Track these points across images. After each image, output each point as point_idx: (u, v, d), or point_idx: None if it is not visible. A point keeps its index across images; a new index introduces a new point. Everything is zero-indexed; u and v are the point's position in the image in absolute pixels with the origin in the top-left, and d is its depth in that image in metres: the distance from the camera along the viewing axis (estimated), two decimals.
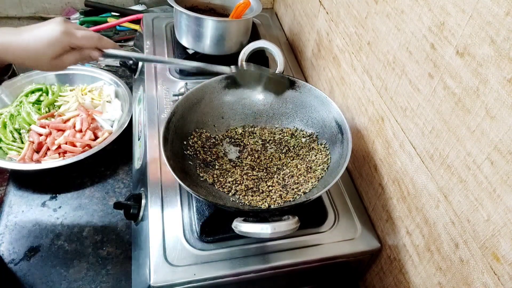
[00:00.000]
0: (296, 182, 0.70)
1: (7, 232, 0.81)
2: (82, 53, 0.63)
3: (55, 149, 0.91)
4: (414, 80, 0.57)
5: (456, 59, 0.48)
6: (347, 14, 0.76)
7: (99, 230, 0.82)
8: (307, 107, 0.79)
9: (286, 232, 0.56)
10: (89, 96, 1.04)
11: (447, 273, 0.54)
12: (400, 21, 0.59)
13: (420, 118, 0.56)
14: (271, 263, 0.64)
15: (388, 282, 0.70)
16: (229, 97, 0.81)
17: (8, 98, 1.03)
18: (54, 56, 0.60)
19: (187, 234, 0.66)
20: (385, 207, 0.69)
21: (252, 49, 0.82)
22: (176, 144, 0.70)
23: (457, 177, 0.50)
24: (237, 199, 0.68)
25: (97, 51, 0.65)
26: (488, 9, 0.42)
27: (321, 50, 0.92)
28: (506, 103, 0.41)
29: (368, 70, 0.70)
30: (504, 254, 0.44)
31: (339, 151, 0.70)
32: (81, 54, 0.63)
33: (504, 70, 0.41)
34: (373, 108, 0.70)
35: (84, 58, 0.64)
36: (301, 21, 1.04)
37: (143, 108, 0.89)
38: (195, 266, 0.62)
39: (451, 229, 0.52)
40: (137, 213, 0.72)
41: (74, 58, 0.63)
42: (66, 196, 0.88)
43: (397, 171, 0.64)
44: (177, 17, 0.95)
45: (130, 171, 0.94)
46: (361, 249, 0.68)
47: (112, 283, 0.75)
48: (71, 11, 1.43)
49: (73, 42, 0.61)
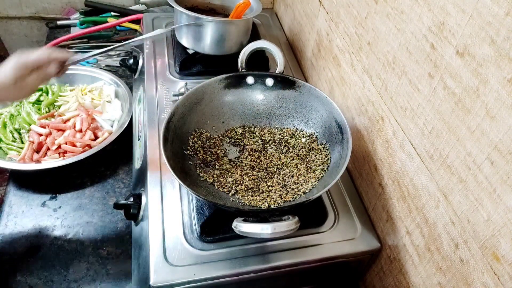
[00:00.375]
0: (296, 182, 0.70)
1: (7, 232, 0.81)
2: (41, 71, 0.68)
3: (55, 149, 0.91)
4: (414, 80, 0.57)
5: (456, 59, 0.48)
6: (347, 14, 0.76)
7: (99, 230, 0.82)
8: (307, 107, 0.79)
9: (286, 232, 0.56)
10: (89, 96, 1.04)
11: (447, 273, 0.54)
12: (400, 21, 0.59)
13: (420, 118, 0.56)
14: (271, 263, 0.64)
15: (388, 282, 0.70)
16: (229, 97, 0.81)
17: None
18: (15, 78, 0.65)
19: (187, 234, 0.66)
20: (385, 207, 0.69)
21: (252, 49, 0.82)
22: (176, 144, 0.70)
23: (457, 177, 0.50)
24: (237, 199, 0.68)
25: (54, 66, 0.69)
26: (488, 9, 0.42)
27: (321, 50, 0.92)
28: (506, 103, 0.41)
29: (368, 70, 0.70)
30: (504, 254, 0.44)
31: (339, 151, 0.70)
32: (41, 72, 0.68)
33: (504, 70, 0.41)
34: (373, 108, 0.70)
35: (45, 76, 0.69)
36: (301, 21, 1.04)
37: (143, 108, 0.89)
38: (195, 266, 0.62)
39: (451, 229, 0.52)
40: (137, 213, 0.72)
41: (36, 77, 0.67)
42: (66, 196, 0.88)
43: (397, 171, 0.64)
44: (177, 17, 0.95)
45: (130, 171, 0.94)
46: (361, 249, 0.68)
47: (112, 283, 0.75)
48: (71, 11, 1.43)
49: (28, 61, 0.66)
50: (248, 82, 0.81)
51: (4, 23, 1.44)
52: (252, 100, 0.82)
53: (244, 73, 0.80)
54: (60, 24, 1.37)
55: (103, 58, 1.24)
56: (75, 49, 1.25)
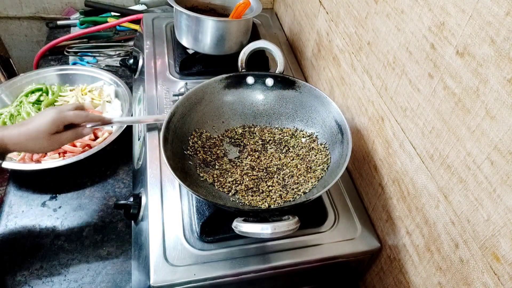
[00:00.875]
0: (296, 182, 0.70)
1: (7, 232, 0.81)
2: (76, 131, 0.73)
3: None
4: (414, 80, 0.57)
5: (456, 59, 0.48)
6: (347, 14, 0.76)
7: (99, 230, 0.82)
8: (307, 107, 0.79)
9: (286, 232, 0.55)
10: (89, 96, 1.04)
11: (447, 273, 0.54)
12: (400, 21, 0.59)
13: (420, 118, 0.56)
14: (271, 263, 0.64)
15: (388, 282, 0.70)
16: (229, 97, 0.81)
17: (8, 98, 1.03)
18: (52, 131, 0.69)
19: (187, 234, 0.66)
20: (385, 207, 0.69)
21: (252, 49, 0.82)
22: (176, 144, 0.70)
23: (457, 177, 0.50)
24: (237, 199, 0.68)
25: (89, 129, 0.76)
26: (488, 9, 0.42)
27: (321, 50, 0.92)
28: (506, 103, 0.41)
29: (368, 70, 0.70)
30: (504, 254, 0.44)
31: (339, 151, 0.70)
32: (75, 131, 0.73)
33: (504, 70, 0.41)
34: (373, 108, 0.70)
35: (78, 136, 0.74)
36: (301, 21, 1.04)
37: (143, 108, 0.89)
38: (195, 266, 0.62)
39: (451, 229, 0.52)
40: (137, 213, 0.72)
41: (70, 134, 0.73)
42: (66, 196, 0.88)
43: (397, 171, 0.64)
44: (177, 17, 0.95)
45: (130, 171, 0.94)
46: (361, 249, 0.68)
47: (112, 283, 0.75)
48: (71, 11, 1.43)
49: (66, 119, 0.71)
50: (248, 82, 0.81)
51: (4, 23, 1.44)
52: (252, 100, 0.82)
53: (244, 73, 0.81)
54: (60, 24, 1.37)
55: (103, 58, 1.25)
56: (75, 49, 1.26)
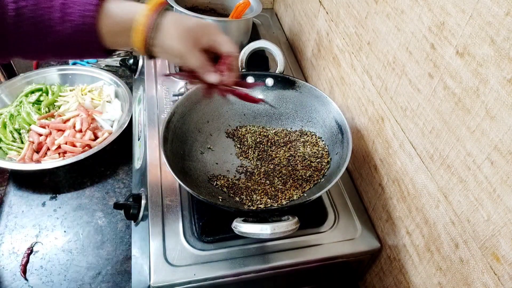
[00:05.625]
0: (296, 182, 0.70)
1: (7, 232, 0.81)
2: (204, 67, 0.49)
3: (55, 149, 0.91)
4: (414, 80, 0.57)
5: (456, 59, 0.48)
6: (347, 14, 0.76)
7: (99, 230, 0.82)
8: (307, 107, 0.79)
9: (286, 232, 0.55)
10: (89, 96, 1.04)
11: (447, 273, 0.54)
12: (400, 21, 0.59)
13: (420, 118, 0.56)
14: (271, 263, 0.64)
15: (388, 282, 0.70)
16: (229, 97, 0.80)
17: (8, 98, 1.03)
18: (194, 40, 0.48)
19: (187, 234, 0.66)
20: (385, 207, 0.69)
21: (252, 49, 0.82)
22: (176, 144, 0.70)
23: (457, 177, 0.50)
24: (237, 199, 0.68)
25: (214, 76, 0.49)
26: (488, 9, 0.42)
27: (321, 50, 0.92)
28: (506, 103, 0.41)
29: (368, 70, 0.70)
30: (504, 254, 0.44)
31: (339, 151, 0.70)
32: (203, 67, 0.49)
33: (504, 70, 0.41)
34: (373, 108, 0.70)
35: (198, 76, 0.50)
36: (301, 21, 1.04)
37: (143, 108, 0.89)
38: (195, 266, 0.62)
39: (451, 229, 0.52)
40: (137, 213, 0.72)
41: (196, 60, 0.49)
42: (66, 196, 0.88)
43: (397, 171, 0.64)
44: None
45: (130, 171, 0.94)
46: (361, 249, 0.68)
47: (112, 283, 0.75)
48: None
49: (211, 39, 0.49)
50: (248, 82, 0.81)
51: None
52: None
53: (244, 73, 0.81)
54: None
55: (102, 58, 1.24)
56: None
